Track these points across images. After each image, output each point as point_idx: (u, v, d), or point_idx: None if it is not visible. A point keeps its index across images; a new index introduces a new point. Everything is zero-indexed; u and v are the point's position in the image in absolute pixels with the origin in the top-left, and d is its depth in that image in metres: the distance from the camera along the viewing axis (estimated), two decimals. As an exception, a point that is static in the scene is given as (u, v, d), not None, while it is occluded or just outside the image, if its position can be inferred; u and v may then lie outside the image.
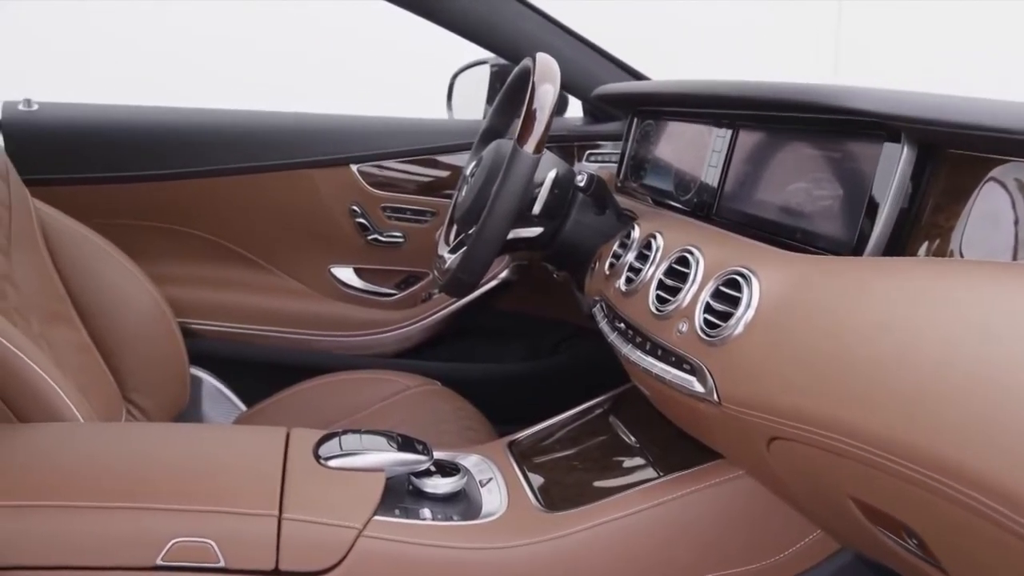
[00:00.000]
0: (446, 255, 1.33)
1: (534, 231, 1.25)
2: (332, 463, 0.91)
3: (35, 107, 1.59)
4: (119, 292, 1.38)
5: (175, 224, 1.67)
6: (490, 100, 1.82)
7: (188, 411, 1.54)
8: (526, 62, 1.24)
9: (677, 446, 1.00)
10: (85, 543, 0.79)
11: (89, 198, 1.60)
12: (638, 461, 1.04)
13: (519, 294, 1.78)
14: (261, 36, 3.32)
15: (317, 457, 0.92)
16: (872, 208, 0.80)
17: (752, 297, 0.80)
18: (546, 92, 1.12)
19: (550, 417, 1.24)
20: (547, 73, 1.14)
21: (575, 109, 1.75)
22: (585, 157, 1.67)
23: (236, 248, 1.71)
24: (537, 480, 1.01)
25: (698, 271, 0.91)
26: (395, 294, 1.79)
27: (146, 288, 1.41)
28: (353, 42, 3.34)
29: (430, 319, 1.74)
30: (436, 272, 1.32)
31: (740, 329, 0.80)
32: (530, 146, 1.10)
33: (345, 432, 0.96)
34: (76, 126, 1.62)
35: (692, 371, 0.85)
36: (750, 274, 0.82)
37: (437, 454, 0.97)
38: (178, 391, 1.46)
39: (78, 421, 1.02)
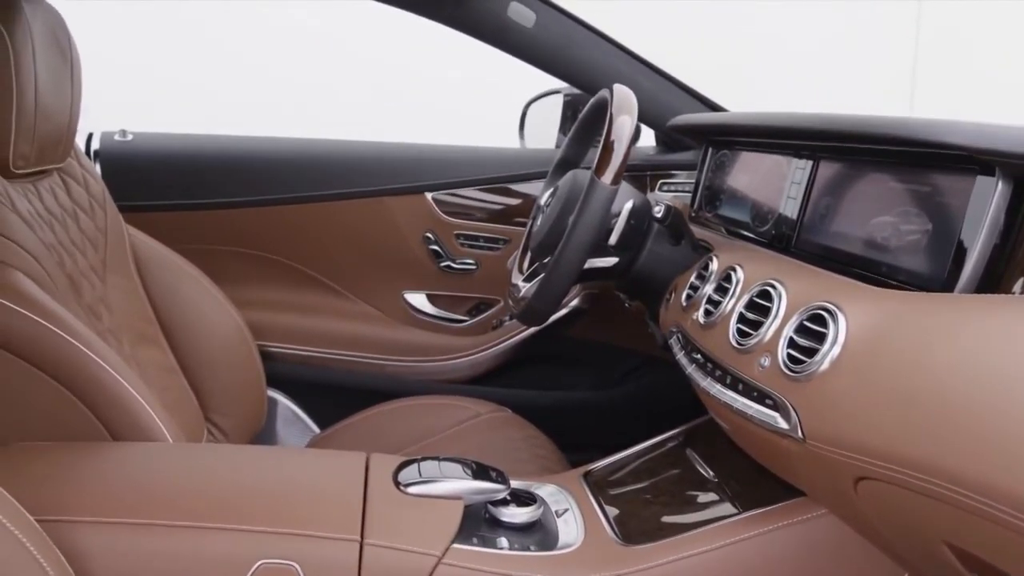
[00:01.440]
0: (520, 283, 1.34)
1: (609, 261, 1.25)
2: (412, 490, 0.92)
3: (130, 137, 1.67)
4: (204, 315, 1.42)
5: (256, 249, 1.72)
6: (563, 129, 1.84)
7: (263, 432, 1.57)
8: (603, 93, 1.25)
9: (756, 482, 0.98)
10: (177, 562, 0.81)
11: (177, 224, 1.66)
12: (716, 496, 1.02)
13: (589, 322, 1.78)
14: (339, 75, 3.43)
15: (397, 483, 0.93)
16: (964, 243, 0.78)
17: (839, 333, 0.79)
18: (624, 123, 1.12)
19: (618, 446, 1.23)
20: (625, 104, 1.15)
21: (647, 138, 1.76)
22: (658, 187, 1.67)
23: (313, 273, 1.75)
24: (613, 512, 1.01)
25: (781, 305, 0.90)
26: (466, 320, 1.81)
27: (229, 312, 1.46)
28: (429, 73, 3.41)
29: (501, 346, 1.75)
30: (511, 300, 1.33)
31: (826, 365, 0.79)
32: (608, 177, 1.10)
33: (424, 459, 0.97)
34: (166, 155, 1.69)
35: (775, 407, 0.84)
36: (836, 310, 0.81)
37: (513, 483, 0.97)
38: (256, 413, 1.50)
39: (167, 441, 1.06)
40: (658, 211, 1.20)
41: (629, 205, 1.21)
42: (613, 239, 1.21)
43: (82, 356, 1.02)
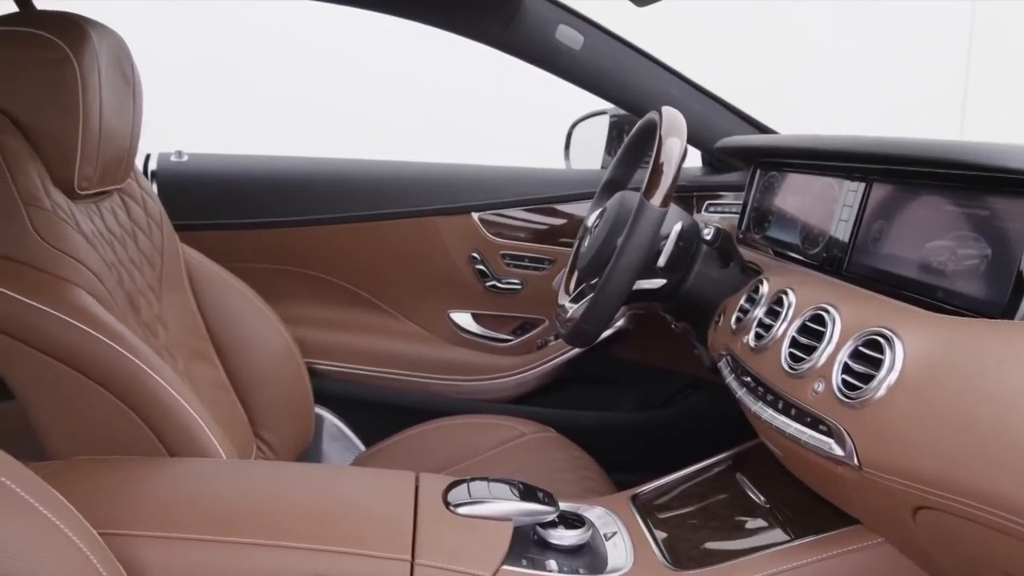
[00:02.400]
0: (567, 304, 1.34)
1: (657, 283, 1.25)
2: (461, 510, 0.92)
3: (185, 158, 1.71)
4: (254, 333, 1.45)
5: (304, 268, 1.75)
6: (608, 150, 1.84)
7: (310, 448, 1.59)
8: (651, 115, 1.25)
9: (809, 508, 0.97)
10: (230, 577, 0.83)
11: (228, 242, 1.69)
12: (767, 522, 1.01)
13: (634, 343, 1.78)
14: (387, 99, 3.49)
15: (447, 503, 0.93)
16: None
17: (896, 359, 0.78)
18: (673, 146, 1.13)
19: (664, 469, 1.23)
20: (674, 127, 1.15)
21: (693, 158, 1.76)
22: (704, 207, 1.67)
23: (360, 292, 1.78)
24: (662, 536, 1.00)
25: (835, 330, 0.89)
26: (511, 340, 1.81)
27: (279, 330, 1.48)
28: (473, 95, 3.46)
29: (545, 366, 1.76)
30: (557, 321, 1.33)
31: (883, 392, 0.78)
32: (657, 199, 1.10)
33: (473, 479, 0.98)
34: (219, 175, 1.72)
35: (829, 433, 0.83)
36: (893, 335, 0.80)
37: (561, 505, 0.97)
38: (304, 429, 1.52)
39: (221, 457, 1.07)
40: (707, 233, 1.20)
41: (678, 227, 1.21)
42: (661, 261, 1.21)
43: (141, 373, 1.05)
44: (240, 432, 1.35)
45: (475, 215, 1.75)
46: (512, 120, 3.38)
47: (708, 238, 1.20)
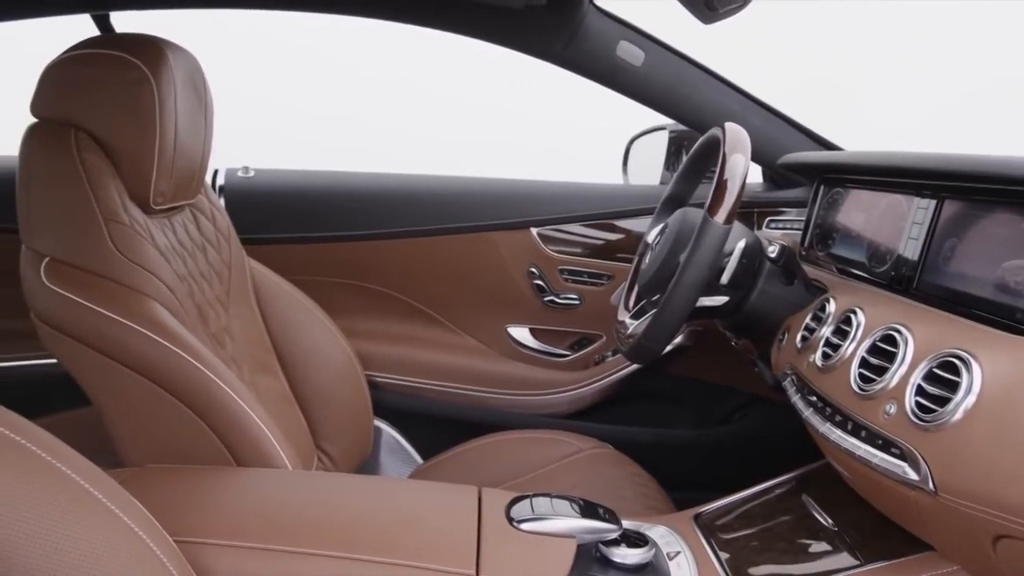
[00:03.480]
0: (628, 320, 1.34)
1: (720, 300, 1.24)
2: (525, 526, 0.92)
3: (251, 173, 1.75)
4: (317, 345, 1.47)
5: (365, 281, 1.78)
6: (668, 166, 1.83)
7: (368, 460, 1.61)
8: (714, 131, 1.24)
9: (879, 532, 0.95)
10: (300, 588, 0.84)
11: (291, 256, 1.72)
12: (834, 546, 0.99)
13: (692, 359, 1.76)
14: (446, 117, 3.54)
15: (510, 519, 0.94)
16: None
17: (974, 382, 0.76)
18: (737, 162, 1.12)
19: (723, 487, 1.21)
20: (738, 143, 1.14)
21: (753, 174, 1.74)
22: (765, 224, 1.65)
23: (419, 305, 1.79)
24: (725, 556, 0.99)
25: (907, 351, 0.87)
26: (568, 355, 1.81)
27: (340, 342, 1.50)
28: (530, 112, 3.49)
29: (602, 381, 1.75)
30: (618, 337, 1.33)
31: (959, 415, 0.76)
32: (721, 216, 1.09)
33: (536, 495, 0.98)
34: (283, 190, 1.76)
35: (902, 456, 0.82)
36: (970, 357, 0.78)
37: (624, 523, 0.97)
38: (364, 441, 1.54)
39: (287, 468, 1.09)
40: (772, 251, 1.19)
41: (741, 244, 1.20)
42: (725, 278, 1.20)
43: (211, 384, 1.07)
44: (302, 443, 1.37)
45: (534, 230, 1.76)
46: (568, 136, 3.39)
47: (773, 255, 1.19)
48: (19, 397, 0.93)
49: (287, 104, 3.46)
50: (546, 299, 1.78)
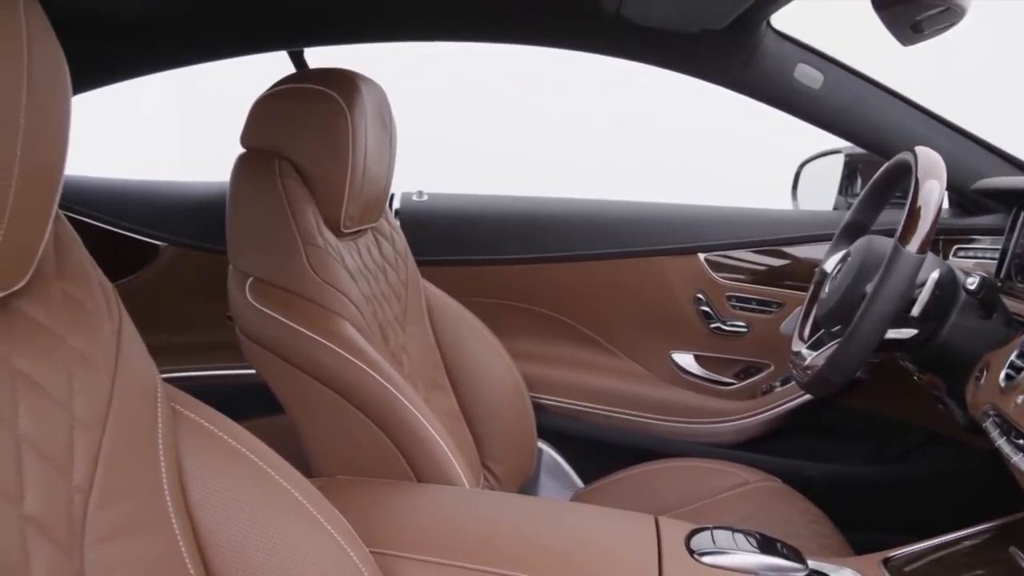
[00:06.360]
0: (804, 351, 1.29)
1: (908, 333, 1.18)
2: (706, 559, 0.91)
3: (425, 197, 1.83)
4: (485, 365, 1.51)
5: (531, 304, 1.81)
6: (842, 191, 1.77)
7: (529, 481, 1.63)
8: (903, 156, 1.19)
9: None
10: (483, 604, 0.86)
11: (460, 277, 1.78)
12: (1048, 604, 0.92)
13: (868, 392, 1.68)
14: (612, 140, 3.58)
15: (690, 550, 0.92)
16: None
17: None
18: (932, 189, 1.06)
19: (901, 530, 1.15)
20: (932, 168, 1.09)
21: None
22: (953, 252, 1.55)
23: (584, 329, 1.80)
24: (919, 607, 0.93)
25: None
26: (734, 383, 1.77)
27: (507, 363, 1.53)
28: (692, 132, 3.46)
29: (770, 412, 1.70)
30: (794, 368, 1.29)
31: None
32: (913, 246, 1.04)
33: (716, 527, 0.96)
34: (454, 213, 1.82)
35: None
36: None
37: (809, 563, 0.93)
38: (528, 462, 1.56)
39: (464, 485, 1.13)
40: (971, 283, 1.12)
41: (935, 275, 1.14)
42: (916, 310, 1.14)
43: (395, 400, 1.12)
44: (471, 461, 1.41)
45: (701, 255, 1.73)
46: (735, 158, 3.34)
47: (972, 288, 1.12)
48: (215, 404, 1.01)
49: (464, 140, 3.59)
50: (712, 326, 1.75)
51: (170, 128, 3.95)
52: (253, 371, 1.21)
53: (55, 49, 0.59)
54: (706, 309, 1.74)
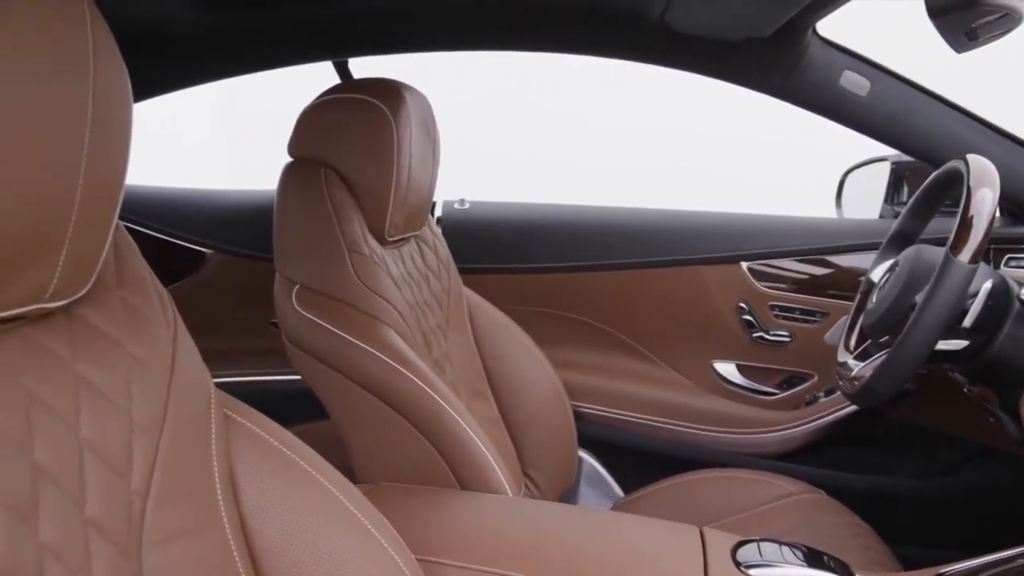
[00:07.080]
0: (851, 362, 1.28)
1: (959, 344, 1.16)
2: (753, 572, 0.90)
3: (467, 205, 1.83)
4: (526, 373, 1.51)
5: (571, 312, 1.80)
6: (888, 199, 1.74)
7: (569, 489, 1.63)
8: (953, 164, 1.17)
9: None
10: (529, 613, 0.86)
11: (501, 285, 1.78)
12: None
13: (913, 404, 1.65)
14: (656, 148, 3.58)
15: (736, 563, 0.91)
16: None
17: None
18: (985, 197, 1.05)
19: (951, 545, 1.12)
20: (985, 177, 1.07)
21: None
22: (1004, 262, 1.52)
23: (625, 338, 1.79)
24: (972, 624, 0.91)
25: None
26: (777, 394, 1.75)
27: (548, 372, 1.53)
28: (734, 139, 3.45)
29: (814, 423, 1.67)
30: (840, 379, 1.27)
31: None
32: (966, 256, 1.03)
33: (762, 539, 0.95)
34: (495, 222, 1.83)
35: None
36: None
37: (857, 577, 0.92)
38: (568, 470, 1.56)
39: (507, 494, 1.13)
40: None
41: (988, 285, 1.12)
42: (967, 321, 1.12)
43: (439, 408, 1.13)
44: (512, 469, 1.41)
45: (744, 264, 1.72)
46: (777, 165, 3.31)
47: None
48: (258, 409, 1.03)
49: (497, 147, 3.61)
50: (755, 335, 1.73)
51: (218, 138, 4.03)
52: (295, 377, 1.22)
53: (118, 60, 0.60)
54: (748, 318, 1.73)
